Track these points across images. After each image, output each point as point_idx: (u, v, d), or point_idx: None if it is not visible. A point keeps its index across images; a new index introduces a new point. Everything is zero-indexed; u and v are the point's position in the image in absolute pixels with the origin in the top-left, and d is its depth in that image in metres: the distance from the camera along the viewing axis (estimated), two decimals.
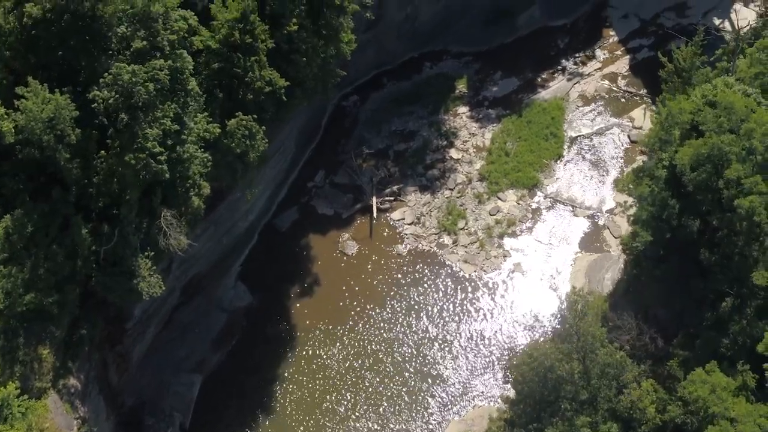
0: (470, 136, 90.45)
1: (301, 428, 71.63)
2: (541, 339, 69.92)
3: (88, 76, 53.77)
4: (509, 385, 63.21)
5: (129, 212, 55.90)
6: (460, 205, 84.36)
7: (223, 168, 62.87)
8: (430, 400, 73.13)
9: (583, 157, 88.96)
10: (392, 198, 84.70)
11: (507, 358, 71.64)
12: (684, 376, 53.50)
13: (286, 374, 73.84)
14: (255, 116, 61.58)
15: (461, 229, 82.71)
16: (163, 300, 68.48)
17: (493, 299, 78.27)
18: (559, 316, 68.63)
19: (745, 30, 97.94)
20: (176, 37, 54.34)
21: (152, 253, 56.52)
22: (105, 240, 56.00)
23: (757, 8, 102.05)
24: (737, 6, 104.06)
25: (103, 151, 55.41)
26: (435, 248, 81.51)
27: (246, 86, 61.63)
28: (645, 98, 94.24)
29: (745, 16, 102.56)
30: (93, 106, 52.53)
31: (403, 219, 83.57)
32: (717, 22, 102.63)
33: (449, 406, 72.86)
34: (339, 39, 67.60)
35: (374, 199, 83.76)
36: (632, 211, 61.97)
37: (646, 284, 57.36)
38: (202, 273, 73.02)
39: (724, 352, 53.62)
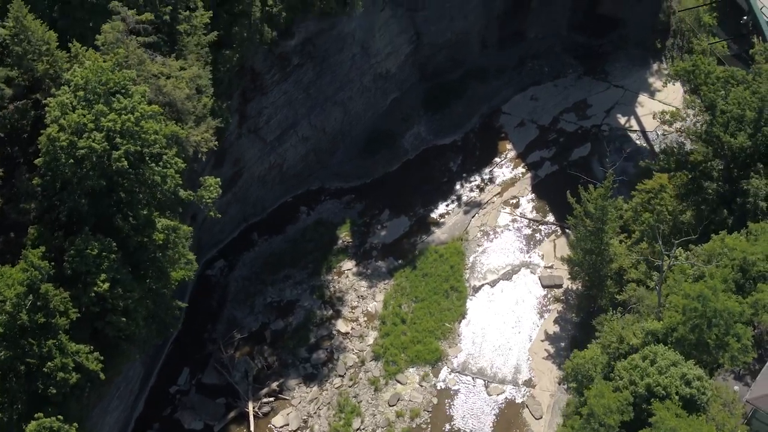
0: (359, 299, 77.59)
1: None
2: None
3: None
4: None
5: None
6: (354, 397, 71.40)
7: None
8: None
9: (491, 313, 77.04)
10: (272, 398, 71.16)
11: None
12: None
13: None
14: (61, 416, 47.25)
15: (357, 430, 69.78)
16: None
17: None
18: None
19: (655, 132, 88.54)
20: None
21: None
22: None
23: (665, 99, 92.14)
24: (642, 98, 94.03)
25: None
26: None
27: (46, 377, 47.25)
28: (553, 227, 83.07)
29: (651, 109, 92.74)
30: None
31: (287, 425, 70.00)
32: (622, 120, 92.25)
33: None
34: (170, 277, 53.58)
35: (250, 405, 70.11)
36: None
37: None
38: None
39: None
